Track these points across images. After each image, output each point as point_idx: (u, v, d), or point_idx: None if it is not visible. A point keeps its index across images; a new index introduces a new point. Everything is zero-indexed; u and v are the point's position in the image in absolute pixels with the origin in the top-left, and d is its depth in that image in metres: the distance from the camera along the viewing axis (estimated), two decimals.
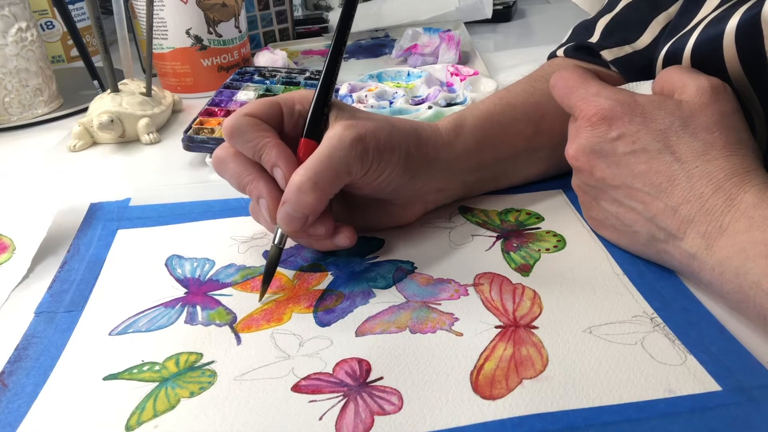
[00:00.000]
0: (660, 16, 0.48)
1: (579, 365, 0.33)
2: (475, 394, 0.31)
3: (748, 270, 0.32)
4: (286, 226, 0.39)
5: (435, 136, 0.45)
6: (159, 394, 0.33)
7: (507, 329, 0.36)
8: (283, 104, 0.42)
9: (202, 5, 0.74)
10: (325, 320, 0.37)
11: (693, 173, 0.35)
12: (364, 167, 0.39)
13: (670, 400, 0.30)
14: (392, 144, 0.41)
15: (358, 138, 0.39)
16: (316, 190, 0.37)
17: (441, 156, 0.44)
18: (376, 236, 0.45)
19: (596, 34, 0.52)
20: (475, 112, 0.47)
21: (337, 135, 0.39)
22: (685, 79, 0.38)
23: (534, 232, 0.45)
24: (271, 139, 0.39)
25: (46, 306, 0.40)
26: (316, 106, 0.40)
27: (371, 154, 0.39)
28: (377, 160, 0.40)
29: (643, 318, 0.36)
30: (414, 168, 0.43)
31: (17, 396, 0.33)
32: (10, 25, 0.68)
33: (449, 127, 0.46)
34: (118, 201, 0.52)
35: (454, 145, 0.45)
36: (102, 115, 0.63)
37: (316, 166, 0.38)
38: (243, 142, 0.40)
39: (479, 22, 0.98)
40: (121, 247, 0.46)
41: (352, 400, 0.31)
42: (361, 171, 0.39)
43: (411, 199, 0.45)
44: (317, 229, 0.40)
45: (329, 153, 0.38)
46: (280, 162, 0.39)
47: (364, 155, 0.39)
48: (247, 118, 0.40)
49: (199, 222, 0.49)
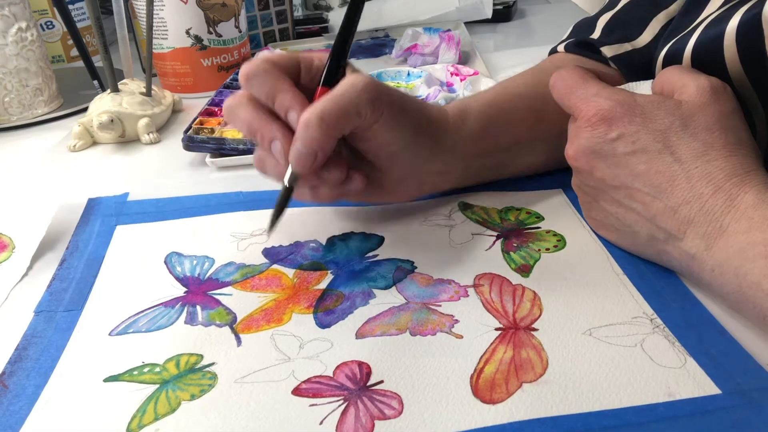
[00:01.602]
0: (660, 14, 0.49)
1: (579, 368, 0.33)
2: (475, 398, 0.31)
3: (748, 271, 0.32)
4: (296, 163, 0.39)
5: (443, 118, 0.46)
6: (160, 397, 0.33)
7: (507, 331, 0.36)
8: (302, 60, 0.42)
9: (202, 5, 0.74)
10: (326, 321, 0.37)
11: (693, 174, 0.35)
12: (374, 114, 0.40)
13: (669, 404, 0.30)
14: (406, 106, 0.42)
15: (372, 83, 0.40)
16: (322, 125, 0.38)
17: (447, 137, 0.45)
18: (376, 233, 0.45)
19: (597, 31, 0.52)
20: (480, 100, 0.48)
21: (350, 80, 0.40)
22: (685, 79, 0.38)
23: (534, 231, 0.45)
24: (286, 85, 0.40)
25: (46, 305, 0.40)
26: (333, 56, 0.41)
27: (384, 103, 0.40)
28: (389, 113, 0.40)
29: (643, 319, 0.36)
30: (422, 140, 0.43)
31: (18, 398, 0.33)
32: (10, 25, 0.68)
33: (455, 112, 0.46)
34: (116, 195, 0.52)
35: (460, 129, 0.46)
36: (102, 115, 0.63)
37: (324, 103, 0.38)
38: (259, 84, 0.40)
39: (479, 22, 0.98)
40: (120, 244, 0.46)
41: (352, 404, 0.31)
42: (371, 116, 0.40)
43: (408, 175, 0.45)
44: (330, 172, 0.41)
45: (340, 92, 0.39)
46: (294, 104, 0.39)
47: (376, 101, 0.40)
48: (265, 63, 0.40)
49: (199, 217, 0.49)
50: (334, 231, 0.46)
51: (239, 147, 0.57)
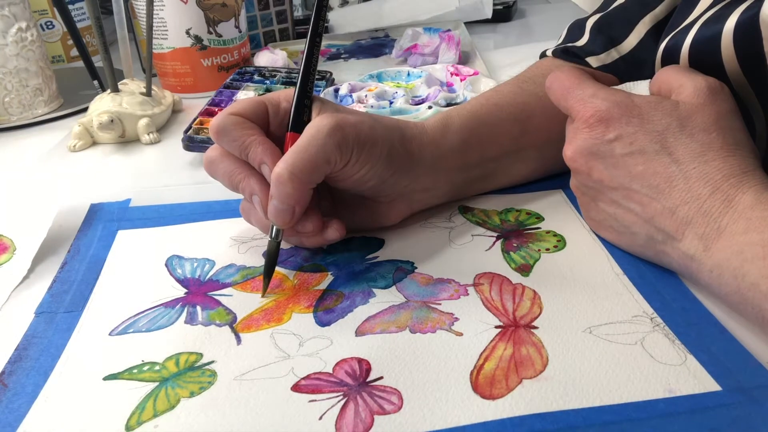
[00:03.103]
0: (647, 17, 0.49)
1: (579, 365, 0.33)
2: (475, 394, 0.31)
3: (746, 272, 0.32)
4: (275, 219, 0.39)
5: (420, 134, 0.45)
6: (159, 394, 0.33)
7: (507, 329, 0.36)
8: (268, 102, 0.42)
9: (202, 5, 0.74)
10: (325, 320, 0.37)
11: (690, 174, 0.35)
12: (343, 157, 0.39)
13: (670, 400, 0.30)
14: (374, 137, 0.41)
15: (337, 127, 0.39)
16: (294, 179, 0.38)
17: (426, 154, 0.44)
18: (377, 236, 0.45)
19: (586, 34, 0.52)
20: (462, 112, 0.47)
21: (315, 125, 0.39)
22: (683, 79, 0.38)
23: (534, 231, 0.45)
24: (256, 136, 0.40)
25: (47, 306, 0.40)
26: (298, 99, 0.41)
27: (351, 144, 0.39)
28: (358, 151, 0.40)
29: (643, 318, 0.36)
30: (398, 164, 0.43)
31: (17, 396, 0.33)
32: (10, 25, 0.68)
33: (435, 126, 0.46)
34: (118, 202, 0.52)
35: (440, 144, 0.45)
36: (102, 115, 0.63)
37: (293, 156, 0.38)
38: (229, 141, 0.40)
39: (479, 22, 0.98)
40: (122, 248, 0.46)
41: (351, 399, 0.31)
42: (340, 161, 0.39)
43: (396, 198, 0.45)
44: (305, 225, 0.41)
45: (307, 142, 0.38)
46: (266, 158, 0.39)
47: (343, 144, 0.39)
48: (232, 117, 0.40)
49: (200, 222, 0.49)
50: None
51: None
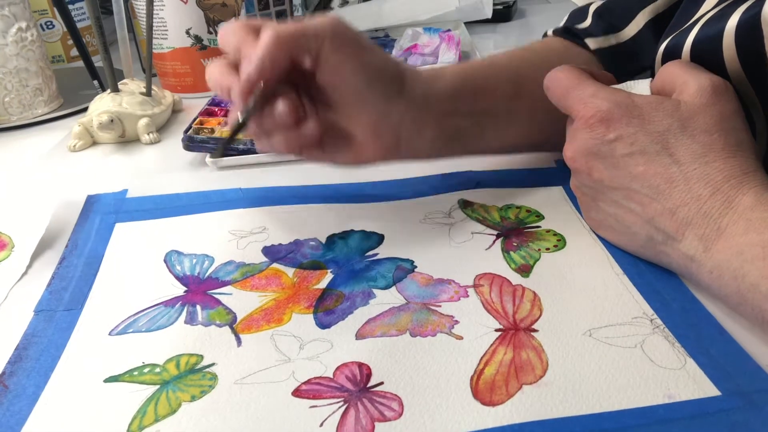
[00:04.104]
0: (647, 8, 0.50)
1: (579, 370, 0.33)
2: (475, 400, 0.31)
3: (746, 272, 0.32)
4: (243, 70, 0.39)
5: (413, 71, 0.46)
6: (160, 398, 0.33)
7: (507, 332, 0.36)
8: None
9: (202, 5, 0.74)
10: (326, 322, 0.37)
11: (691, 175, 0.35)
12: (334, 41, 0.40)
13: (669, 406, 0.30)
14: (373, 48, 0.43)
15: (338, 19, 0.41)
16: (277, 39, 0.38)
17: (417, 88, 0.44)
18: (376, 231, 0.45)
19: (588, 18, 0.53)
20: (455, 66, 0.49)
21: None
22: (686, 76, 0.38)
23: (534, 230, 0.45)
24: (251, 38, 0.41)
25: (46, 304, 0.40)
26: None
27: (347, 36, 0.41)
28: (353, 45, 0.41)
29: (643, 319, 0.36)
30: (388, 80, 0.43)
31: (18, 398, 0.33)
32: (10, 25, 0.68)
33: (429, 71, 0.47)
34: (115, 192, 0.52)
35: (431, 84, 0.45)
36: (102, 115, 0.63)
37: (284, 24, 0.39)
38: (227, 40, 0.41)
39: (479, 22, 0.98)
40: (119, 242, 0.46)
41: (352, 405, 0.31)
42: (330, 44, 0.40)
43: (383, 128, 0.43)
44: (277, 105, 0.40)
45: (307, 20, 0.40)
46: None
47: (338, 30, 0.40)
48: (237, 21, 0.42)
49: (198, 215, 0.49)
50: (333, 229, 0.46)
51: (239, 147, 0.57)
